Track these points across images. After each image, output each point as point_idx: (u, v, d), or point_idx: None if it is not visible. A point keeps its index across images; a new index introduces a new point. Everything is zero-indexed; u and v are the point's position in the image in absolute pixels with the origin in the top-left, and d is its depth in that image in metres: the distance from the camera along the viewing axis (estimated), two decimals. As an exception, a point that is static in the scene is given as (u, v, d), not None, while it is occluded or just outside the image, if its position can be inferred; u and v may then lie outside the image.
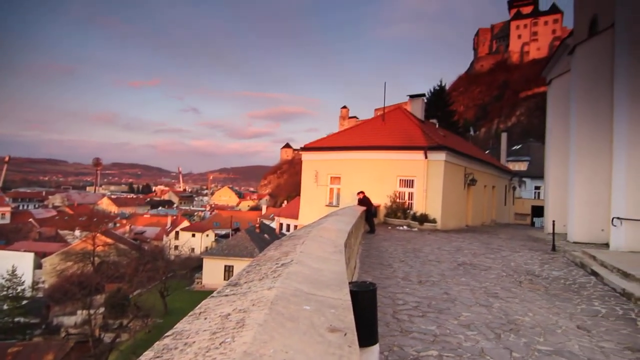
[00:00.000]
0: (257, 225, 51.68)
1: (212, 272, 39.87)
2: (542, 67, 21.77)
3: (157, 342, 1.43)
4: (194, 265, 45.50)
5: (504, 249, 12.18)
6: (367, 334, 2.54)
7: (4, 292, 34.11)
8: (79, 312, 31.54)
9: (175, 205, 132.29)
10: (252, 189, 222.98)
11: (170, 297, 33.69)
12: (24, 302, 35.06)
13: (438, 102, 45.54)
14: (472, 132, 49.27)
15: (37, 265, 45.26)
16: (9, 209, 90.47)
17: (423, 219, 17.16)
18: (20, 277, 36.22)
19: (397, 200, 18.28)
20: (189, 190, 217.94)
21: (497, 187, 27.24)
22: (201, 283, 40.94)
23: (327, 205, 20.03)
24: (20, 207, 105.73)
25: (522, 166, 42.75)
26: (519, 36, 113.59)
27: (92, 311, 25.56)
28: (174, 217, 74.77)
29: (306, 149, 21.94)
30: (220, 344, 1.28)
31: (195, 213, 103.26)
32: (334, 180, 20.52)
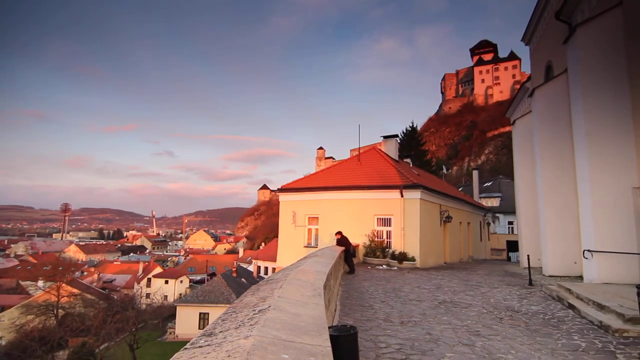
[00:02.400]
0: (234, 269, 50.22)
1: (186, 321, 37.95)
2: (505, 109, 23.09)
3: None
4: (167, 314, 43.28)
5: (483, 285, 12.22)
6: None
7: (-46, 353, 31.13)
8: (38, 371, 29.00)
9: (147, 251, 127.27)
10: (228, 231, 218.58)
11: (140, 349, 31.59)
12: (-24, 363, 32.00)
13: (411, 142, 47.14)
14: (444, 170, 50.78)
15: (-6, 321, 41.83)
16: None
17: (402, 257, 17.14)
18: (-26, 335, 33.28)
19: (376, 239, 18.28)
20: (163, 234, 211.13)
21: (472, 223, 27.76)
22: (174, 333, 38.76)
23: (305, 246, 19.78)
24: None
25: (494, 202, 43.96)
26: (483, 80, 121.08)
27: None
28: (146, 264, 71.80)
29: (283, 189, 21.93)
30: (192, 402, 1.20)
31: (169, 258, 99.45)
32: (311, 220, 20.42)
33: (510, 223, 40.63)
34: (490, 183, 51.05)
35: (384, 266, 16.56)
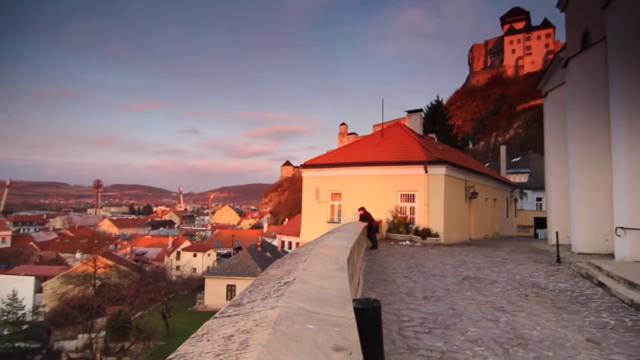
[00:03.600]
0: (259, 243, 51.43)
1: (214, 292, 39.47)
2: (537, 80, 22.03)
3: (160, 366, 1.41)
4: (196, 285, 45.08)
5: (508, 261, 12.08)
6: (372, 352, 2.50)
7: (4, 317, 33.65)
8: (80, 336, 31.10)
9: (176, 225, 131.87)
10: (252, 207, 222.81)
11: (172, 318, 33.24)
12: (25, 326, 34.52)
13: (436, 116, 45.97)
14: (471, 146, 49.45)
15: (38, 289, 44.81)
16: (9, 232, 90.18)
17: (425, 233, 17.07)
18: (21, 302, 35.79)
19: (399, 215, 18.23)
20: (190, 210, 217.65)
21: (498, 200, 27.19)
22: (203, 303, 40.46)
23: (328, 222, 19.96)
24: (21, 231, 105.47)
25: (522, 178, 42.74)
26: (513, 51, 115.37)
27: (93, 335, 25.20)
28: (175, 237, 74.46)
29: (306, 166, 22.01)
30: (223, 366, 1.26)
31: (197, 233, 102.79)
32: (334, 196, 20.51)
33: (539, 199, 39.56)
34: (518, 158, 49.51)
35: (407, 242, 16.57)
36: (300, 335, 1.55)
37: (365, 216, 14.23)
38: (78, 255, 55.29)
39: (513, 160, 47.87)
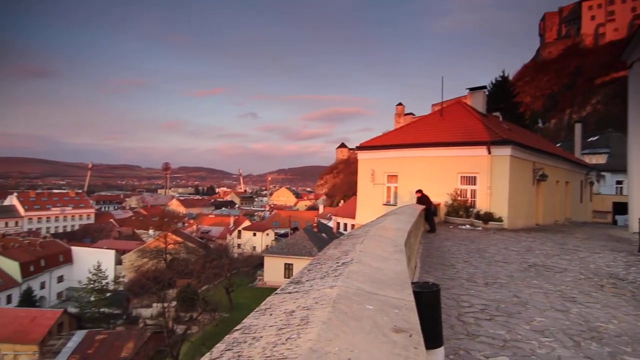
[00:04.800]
0: (315, 224, 52.38)
1: (272, 270, 41.13)
2: (620, 50, 19.62)
3: (227, 336, 1.50)
4: (256, 263, 47.25)
5: (582, 249, 11.18)
6: (431, 336, 2.46)
7: (91, 285, 37.97)
8: (154, 304, 34.18)
9: (237, 206, 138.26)
10: (309, 189, 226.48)
11: (234, 292, 35.27)
12: (108, 294, 38.75)
13: (501, 93, 42.94)
14: (540, 124, 45.82)
15: (118, 262, 49.82)
16: (93, 210, 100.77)
17: (487, 217, 16.28)
18: (104, 272, 40.09)
19: (459, 198, 17.53)
20: (249, 191, 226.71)
21: (571, 183, 25.08)
22: (263, 280, 42.38)
23: (384, 204, 19.76)
24: (102, 209, 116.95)
25: (600, 159, 38.89)
26: (592, 17, 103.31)
27: (165, 304, 27.55)
28: (236, 217, 78.16)
29: (362, 148, 21.81)
30: (286, 340, 1.31)
31: (256, 213, 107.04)
32: (390, 178, 20.17)
33: (619, 182, 35.86)
34: (596, 137, 45.00)
35: (467, 226, 15.94)
36: (359, 315, 1.57)
37: (423, 199, 13.87)
38: (151, 231, 60.31)
39: (589, 139, 43.61)
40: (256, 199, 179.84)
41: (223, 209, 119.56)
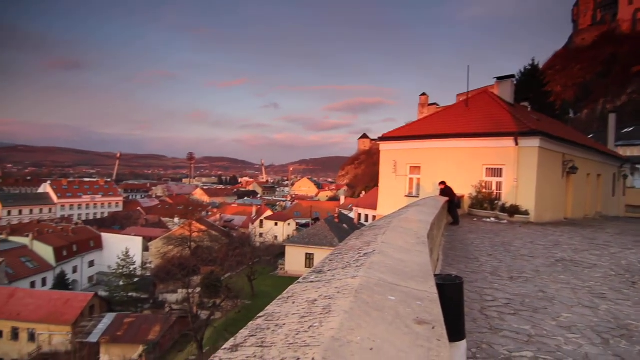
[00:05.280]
0: (336, 215, 52.50)
1: (294, 259, 41.59)
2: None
3: (251, 322, 1.53)
4: (277, 252, 47.88)
5: (613, 244, 10.77)
6: (454, 329, 2.44)
7: (120, 270, 39.43)
8: (179, 290, 35.21)
9: (259, 196, 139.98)
10: (330, 179, 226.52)
11: (256, 281, 35.91)
12: (136, 279, 40.18)
13: (530, 82, 41.45)
14: (571, 115, 44.03)
15: (145, 248, 51.47)
16: (121, 198, 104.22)
17: (513, 210, 15.88)
18: (132, 258, 41.51)
19: (483, 190, 17.15)
20: (271, 181, 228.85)
21: (603, 176, 24.10)
22: (284, 269, 42.95)
23: (406, 196, 19.56)
24: (130, 197, 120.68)
25: (635, 151, 37.16)
26: (631, 1, 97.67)
27: (190, 290, 28.33)
28: (258, 207, 79.18)
29: (384, 138, 21.58)
30: (309, 328, 1.33)
31: (277, 203, 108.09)
32: (413, 170, 19.92)
33: (656, 176, 34.21)
34: (632, 128, 42.97)
35: (492, 219, 15.61)
36: (381, 305, 1.57)
37: (446, 191, 13.65)
38: (176, 219, 62.00)
39: (625, 130, 41.67)
40: (278, 189, 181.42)
41: (245, 198, 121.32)
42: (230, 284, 31.96)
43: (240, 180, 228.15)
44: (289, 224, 65.77)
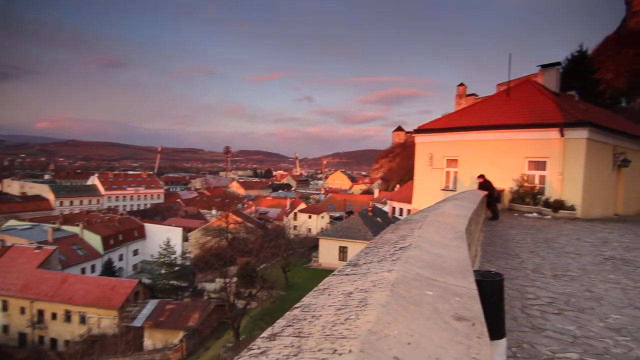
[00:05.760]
0: (370, 208, 52.16)
1: (327, 252, 41.82)
2: None
3: (288, 312, 1.55)
4: (311, 244, 48.31)
5: (670, 243, 10.03)
6: (493, 327, 2.37)
7: (162, 259, 41.26)
8: (217, 279, 36.43)
9: (293, 189, 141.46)
10: (364, 172, 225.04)
11: (290, 272, 36.45)
12: (176, 268, 41.91)
13: (578, 70, 39.03)
14: (624, 104, 41.07)
15: (184, 238, 53.50)
16: (162, 191, 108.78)
17: (558, 205, 15.13)
18: (173, 248, 43.29)
19: (525, 184, 16.43)
20: (305, 174, 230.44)
21: (660, 169, 22.41)
22: (318, 261, 43.30)
23: (442, 190, 19.10)
24: (170, 190, 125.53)
25: (698, 142, 34.20)
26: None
27: (227, 280, 29.22)
28: (292, 200, 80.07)
29: (420, 130, 21.13)
30: (345, 320, 1.33)
31: (311, 196, 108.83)
32: (450, 163, 19.39)
33: None
34: (694, 117, 39.51)
35: (535, 214, 14.95)
36: (418, 300, 1.55)
37: (485, 184, 13.20)
38: (214, 211, 63.94)
39: (685, 120, 38.40)
40: (311, 182, 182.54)
41: (280, 191, 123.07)
42: (265, 275, 32.65)
43: (274, 173, 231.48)
44: (322, 217, 66.09)
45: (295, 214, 67.38)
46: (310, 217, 65.15)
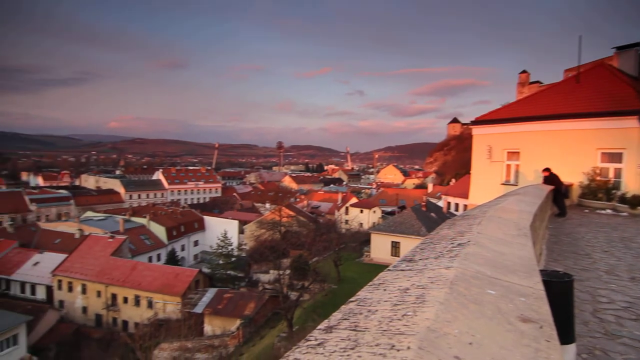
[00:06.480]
0: (423, 203, 50.76)
1: (379, 247, 41.40)
2: None
3: (343, 306, 1.56)
4: (362, 239, 48.09)
5: None
6: (562, 330, 2.22)
7: (220, 250, 43.32)
8: (271, 271, 37.52)
9: (344, 183, 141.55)
10: (417, 166, 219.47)
11: (342, 266, 36.60)
12: (233, 259, 43.80)
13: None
14: None
15: (240, 231, 55.68)
16: (220, 185, 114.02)
17: (636, 201, 13.72)
18: (230, 239, 45.26)
19: (597, 178, 15.08)
20: (356, 168, 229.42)
21: None
22: (369, 256, 43.04)
23: (503, 184, 18.09)
24: (227, 184, 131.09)
25: None
26: None
27: (280, 272, 29.99)
28: (344, 194, 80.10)
29: (477, 122, 20.14)
30: (402, 316, 1.31)
31: (363, 190, 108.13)
32: (511, 155, 18.29)
33: None
34: None
35: (608, 211, 13.70)
36: (479, 299, 1.49)
37: (551, 178, 12.30)
38: (267, 205, 65.74)
39: None
40: (363, 177, 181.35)
41: (331, 185, 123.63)
42: (317, 268, 33.07)
43: (326, 167, 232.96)
44: (374, 212, 65.48)
45: (347, 208, 67.36)
46: (361, 211, 64.80)
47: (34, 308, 33.54)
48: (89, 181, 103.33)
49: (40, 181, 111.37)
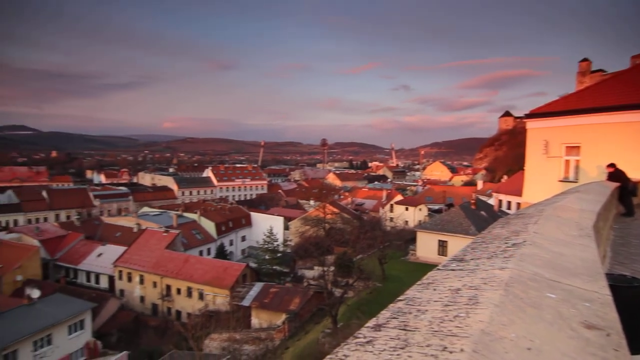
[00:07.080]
0: (472, 201, 48.81)
1: (425, 245, 40.43)
2: None
3: (392, 305, 1.54)
4: (408, 237, 47.17)
5: None
6: (632, 340, 2.05)
7: (266, 246, 44.43)
8: (315, 267, 37.90)
9: (389, 180, 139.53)
10: (465, 163, 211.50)
11: (387, 264, 36.16)
12: (278, 254, 44.76)
13: None
14: None
15: (286, 227, 56.72)
16: (266, 182, 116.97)
17: None
18: (275, 235, 46.28)
19: (672, 174, 13.70)
20: (401, 165, 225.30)
21: None
22: (415, 255, 42.16)
23: (560, 181, 16.95)
24: (272, 181, 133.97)
25: None
26: None
27: (325, 268, 30.20)
28: (389, 191, 79.01)
29: (532, 115, 18.99)
30: (454, 317, 1.28)
31: (408, 187, 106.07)
32: (570, 150, 17.07)
33: None
34: None
35: (685, 210, 12.41)
36: (538, 303, 1.41)
37: (616, 175, 11.36)
38: (312, 202, 66.44)
39: None
40: (408, 174, 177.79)
41: (375, 182, 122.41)
42: (361, 266, 32.92)
43: (370, 164, 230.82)
44: (420, 209, 63.98)
45: (392, 205, 66.35)
46: (407, 209, 63.56)
47: (98, 296, 36.34)
48: (145, 178, 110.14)
49: (102, 179, 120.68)
